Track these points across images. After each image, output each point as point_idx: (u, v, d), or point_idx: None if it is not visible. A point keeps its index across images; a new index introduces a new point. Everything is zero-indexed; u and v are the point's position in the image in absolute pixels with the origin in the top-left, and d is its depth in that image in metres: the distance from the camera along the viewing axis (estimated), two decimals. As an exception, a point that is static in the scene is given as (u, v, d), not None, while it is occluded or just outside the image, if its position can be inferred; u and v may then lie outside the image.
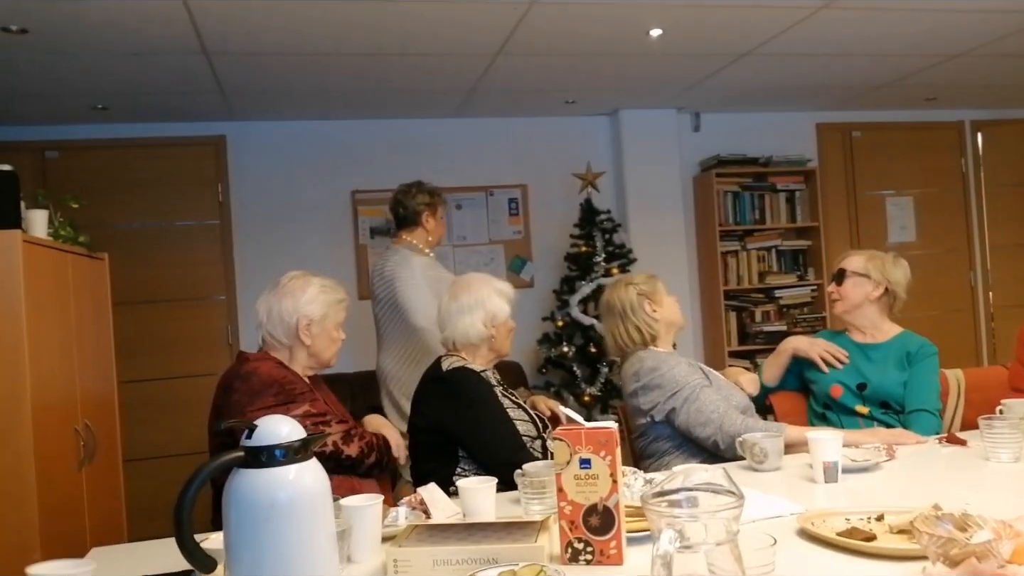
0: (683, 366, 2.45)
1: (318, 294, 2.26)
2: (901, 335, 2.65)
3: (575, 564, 1.42)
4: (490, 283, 2.45)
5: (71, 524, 2.57)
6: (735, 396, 2.48)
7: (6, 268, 2.27)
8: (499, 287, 2.44)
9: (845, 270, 2.68)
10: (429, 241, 3.40)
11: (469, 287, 2.43)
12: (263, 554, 1.12)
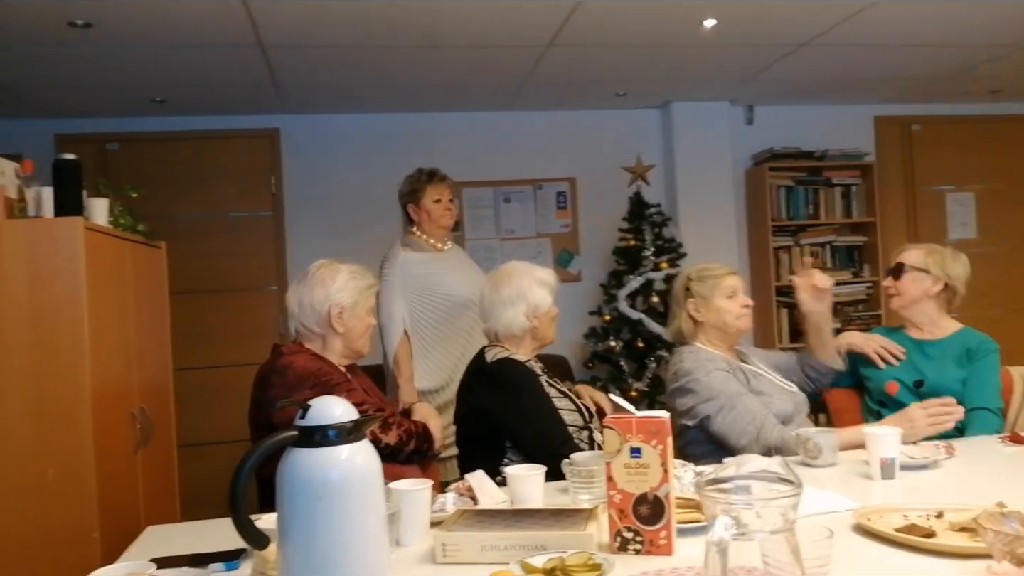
0: (720, 373, 2.35)
1: (348, 281, 2.27)
2: (961, 331, 2.57)
3: (624, 553, 1.41)
4: (531, 272, 2.41)
5: (127, 504, 2.63)
6: (777, 402, 2.37)
7: (69, 254, 2.33)
8: (540, 276, 2.40)
9: (903, 264, 2.60)
10: (425, 232, 3.31)
11: (510, 278, 2.40)
12: (315, 532, 1.13)
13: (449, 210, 3.35)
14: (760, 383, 2.39)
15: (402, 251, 3.30)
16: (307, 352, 2.24)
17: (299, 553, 1.14)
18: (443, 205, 3.32)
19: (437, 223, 3.32)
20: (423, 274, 3.22)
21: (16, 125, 4.29)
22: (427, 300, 3.24)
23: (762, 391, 2.36)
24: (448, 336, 3.27)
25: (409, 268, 3.25)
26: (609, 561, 1.30)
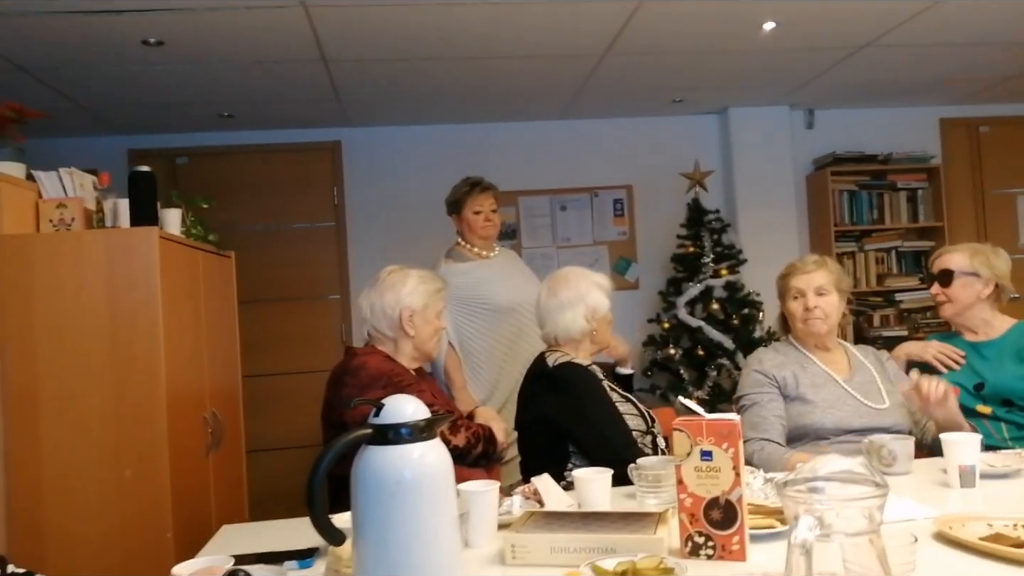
0: (755, 375, 2.35)
1: (417, 285, 2.32)
2: (1014, 328, 2.50)
3: (695, 558, 1.39)
4: (587, 276, 2.41)
5: (199, 506, 2.70)
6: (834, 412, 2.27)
7: (145, 262, 2.41)
8: (597, 280, 2.40)
9: (952, 271, 2.52)
10: (469, 241, 3.35)
11: (567, 282, 2.40)
12: (389, 530, 1.15)
13: (490, 220, 3.35)
14: (818, 392, 2.31)
15: (444, 264, 3.34)
16: (380, 354, 2.28)
17: (374, 550, 1.16)
18: (483, 216, 3.33)
19: (477, 234, 3.34)
20: (464, 284, 3.24)
21: (92, 142, 4.48)
22: (469, 310, 3.26)
23: (812, 400, 2.29)
24: (491, 344, 3.28)
25: (451, 279, 3.18)
26: (681, 566, 1.28)
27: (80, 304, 2.38)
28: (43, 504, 2.35)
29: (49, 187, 2.59)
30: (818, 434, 2.25)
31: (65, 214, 2.52)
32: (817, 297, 2.36)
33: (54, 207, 2.52)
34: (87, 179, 2.70)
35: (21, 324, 2.35)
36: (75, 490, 2.36)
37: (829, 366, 2.38)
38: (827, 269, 2.41)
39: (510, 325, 3.27)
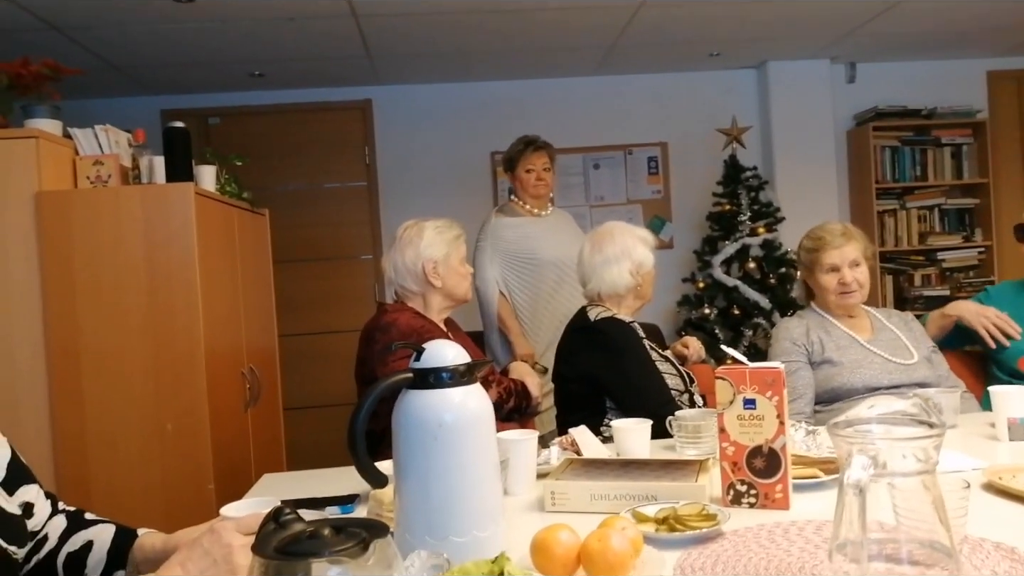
0: (787, 343, 2.36)
1: (435, 236, 2.32)
2: None
3: (737, 506, 1.37)
4: (632, 231, 2.40)
5: (239, 460, 2.75)
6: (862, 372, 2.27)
7: (182, 218, 2.43)
8: (641, 235, 2.40)
9: None
10: (522, 199, 3.48)
11: (612, 237, 2.37)
12: (431, 473, 1.15)
13: (542, 180, 3.47)
14: (843, 354, 2.32)
15: (495, 217, 3.51)
16: (409, 310, 2.29)
17: (416, 493, 1.15)
18: (535, 175, 3.45)
19: (528, 192, 3.47)
20: (511, 238, 3.39)
21: (126, 102, 4.49)
22: (513, 262, 3.41)
23: (839, 361, 2.30)
24: (531, 296, 3.43)
25: (500, 232, 3.45)
26: (724, 513, 1.27)
27: (118, 259, 2.41)
28: (87, 457, 2.40)
29: (85, 144, 2.60)
30: (848, 394, 2.24)
31: (102, 171, 2.53)
32: (852, 270, 2.35)
33: (91, 164, 2.53)
34: (122, 136, 2.71)
35: (61, 279, 2.39)
36: (118, 443, 2.41)
37: (852, 329, 2.39)
38: (856, 240, 2.40)
39: (550, 278, 3.42)
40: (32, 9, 3.22)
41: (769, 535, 1.23)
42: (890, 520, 0.91)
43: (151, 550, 1.18)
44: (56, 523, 1.23)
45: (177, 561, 1.03)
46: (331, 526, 0.89)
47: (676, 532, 1.22)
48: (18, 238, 2.37)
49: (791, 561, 1.12)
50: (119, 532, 1.22)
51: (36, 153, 2.39)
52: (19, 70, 2.57)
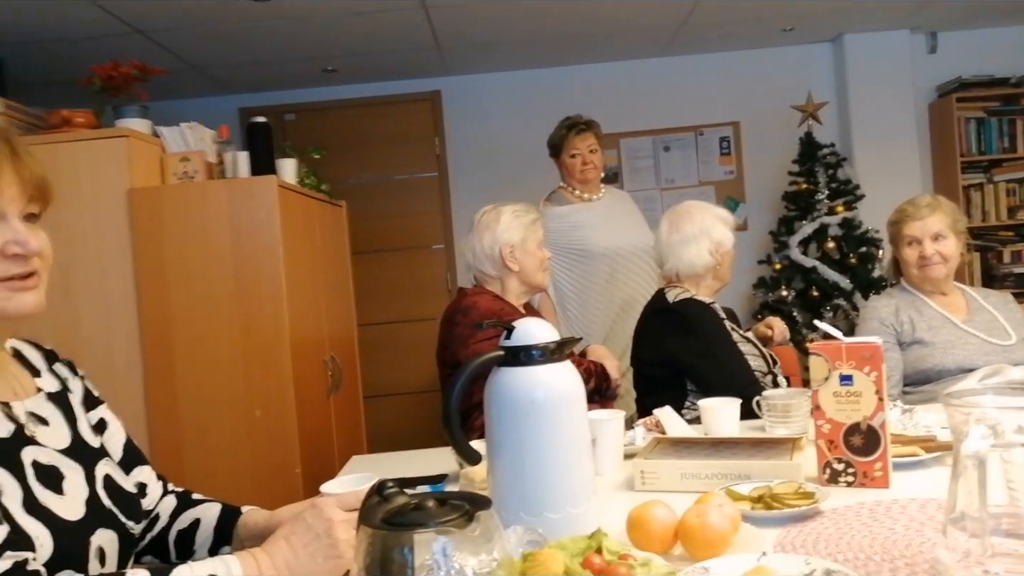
0: (875, 322, 2.28)
1: (512, 220, 2.32)
2: None
3: (834, 485, 1.34)
4: (711, 210, 2.36)
5: (323, 445, 2.82)
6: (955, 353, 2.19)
7: (266, 210, 2.50)
8: (720, 213, 2.35)
9: None
10: (570, 184, 3.28)
11: (691, 216, 2.34)
12: (524, 450, 1.15)
13: (588, 163, 3.23)
14: (936, 334, 2.24)
15: (543, 207, 3.27)
16: (489, 293, 2.31)
17: (510, 470, 1.16)
18: (580, 159, 3.23)
19: (575, 177, 3.26)
20: (558, 229, 3.15)
21: (205, 102, 4.64)
22: (561, 255, 3.17)
23: (931, 342, 2.23)
24: (582, 291, 3.22)
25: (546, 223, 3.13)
26: (822, 491, 1.24)
27: (206, 251, 2.49)
28: (181, 442, 2.50)
29: (172, 142, 2.70)
30: (940, 376, 2.17)
31: (189, 167, 2.62)
32: (934, 243, 2.26)
33: (178, 160, 2.63)
34: (207, 133, 2.80)
35: (154, 272, 2.48)
36: (210, 428, 2.50)
37: (946, 308, 2.30)
38: (942, 211, 2.30)
39: (602, 270, 3.20)
40: (118, 14, 3.35)
41: (870, 513, 1.19)
42: (1001, 496, 0.88)
43: (255, 526, 1.23)
44: (167, 503, 1.29)
45: (282, 535, 1.06)
46: (435, 498, 0.91)
47: (773, 510, 1.20)
48: (112, 233, 2.48)
49: (896, 539, 1.09)
50: (224, 510, 1.27)
51: (127, 151, 2.50)
52: (110, 72, 2.69)
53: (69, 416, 1.14)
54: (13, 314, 1.00)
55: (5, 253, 0.98)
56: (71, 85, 2.86)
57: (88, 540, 1.03)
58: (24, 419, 1.05)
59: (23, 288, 1.00)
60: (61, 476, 1.04)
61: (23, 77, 3.67)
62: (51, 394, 1.14)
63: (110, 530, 1.07)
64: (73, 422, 1.14)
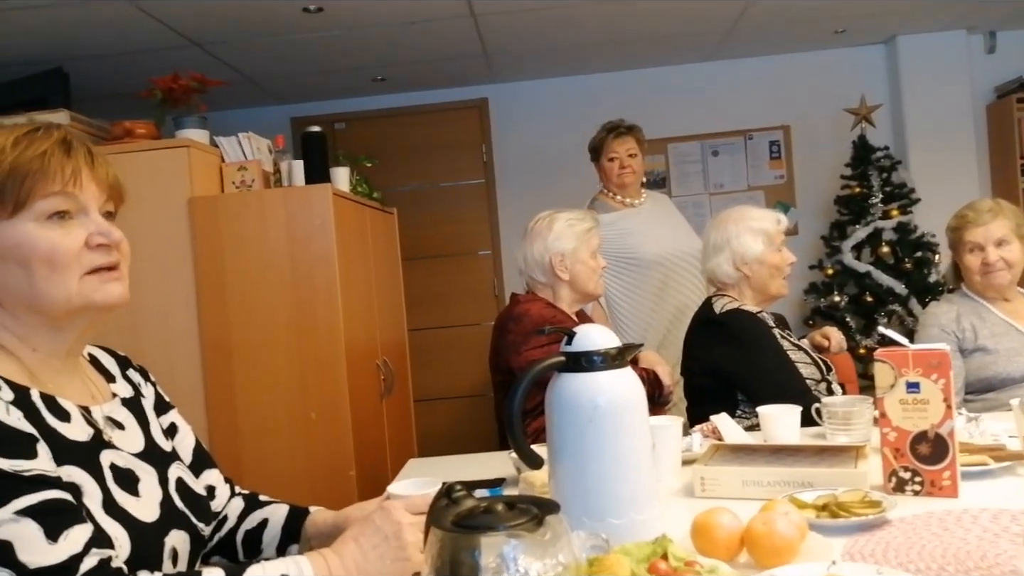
0: (935, 329, 2.23)
1: (564, 229, 2.30)
2: None
3: (900, 494, 1.32)
4: (743, 219, 2.29)
5: (376, 448, 2.85)
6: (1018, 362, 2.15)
7: (321, 218, 2.54)
8: (752, 224, 2.27)
9: None
10: (610, 190, 3.26)
11: (720, 224, 2.32)
12: (586, 455, 1.16)
13: (627, 167, 3.20)
14: (999, 341, 2.20)
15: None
16: (541, 300, 2.31)
17: (572, 475, 1.17)
18: (618, 163, 3.20)
19: (614, 182, 3.24)
20: (610, 236, 3.05)
21: (258, 112, 4.74)
22: (612, 264, 3.07)
23: (995, 349, 2.18)
24: (636, 299, 3.19)
25: None
26: (889, 500, 1.22)
27: (263, 258, 2.54)
28: (240, 444, 2.55)
29: (230, 151, 2.77)
30: (1003, 384, 2.11)
31: (246, 176, 2.68)
32: (997, 248, 2.20)
33: (236, 169, 2.69)
34: (263, 143, 2.86)
35: (213, 278, 2.54)
36: (267, 431, 2.55)
37: (1009, 315, 2.25)
38: (1004, 216, 2.24)
39: (655, 278, 3.18)
40: (177, 27, 3.44)
41: (940, 523, 1.17)
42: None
43: (323, 525, 1.25)
44: (234, 504, 1.32)
45: (351, 536, 1.08)
46: (503, 502, 0.92)
47: (840, 519, 1.18)
48: (174, 241, 2.55)
49: (970, 550, 1.07)
50: (292, 510, 1.30)
51: (188, 161, 2.56)
52: (171, 85, 2.77)
53: (142, 421, 1.17)
54: (101, 304, 1.03)
55: (90, 244, 1.02)
56: (131, 97, 2.95)
57: (163, 541, 1.06)
58: (102, 423, 1.08)
59: (109, 279, 1.04)
60: (137, 479, 1.07)
61: (86, 89, 3.79)
62: (126, 399, 1.17)
63: (182, 531, 1.10)
64: (146, 426, 1.17)
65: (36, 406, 0.99)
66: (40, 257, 0.98)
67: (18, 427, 0.93)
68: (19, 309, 1.01)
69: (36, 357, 1.04)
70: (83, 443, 1.02)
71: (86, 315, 1.04)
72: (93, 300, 1.02)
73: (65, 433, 1.00)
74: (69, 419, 1.02)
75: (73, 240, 1.00)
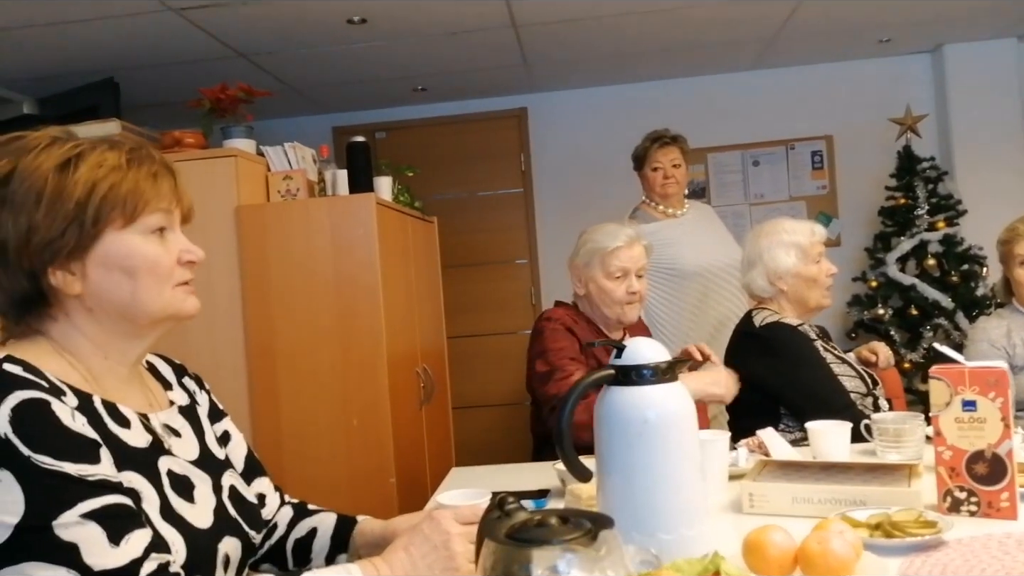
0: (984, 344, 2.19)
1: (581, 245, 2.27)
2: None
3: (956, 514, 1.29)
4: (774, 233, 2.26)
5: (415, 455, 2.87)
6: None
7: (365, 227, 2.57)
8: (784, 238, 2.24)
9: None
10: (653, 200, 3.25)
11: (756, 237, 2.31)
12: (636, 469, 1.15)
13: (670, 177, 3.19)
14: None
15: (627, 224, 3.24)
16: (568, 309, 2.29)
17: (621, 488, 1.16)
18: (662, 173, 3.19)
19: (656, 192, 3.23)
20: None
21: (301, 121, 4.81)
22: (652, 275, 3.07)
23: None
24: (676, 311, 3.18)
25: None
26: (945, 521, 1.20)
27: (308, 266, 2.57)
28: (282, 450, 2.58)
29: (276, 161, 2.81)
30: None
31: (291, 185, 2.72)
32: None
33: (281, 179, 2.73)
34: (307, 152, 2.90)
35: (258, 286, 2.58)
36: (310, 437, 2.57)
37: None
38: None
39: (695, 289, 3.16)
40: (224, 39, 3.51)
41: (1000, 546, 1.14)
42: None
43: (371, 534, 1.26)
44: (284, 513, 1.34)
45: (400, 546, 1.09)
46: (557, 516, 0.92)
47: (894, 538, 1.16)
48: (221, 249, 2.59)
49: (1031, 574, 1.04)
50: (341, 519, 1.31)
51: (235, 170, 2.60)
52: (219, 95, 2.82)
53: (197, 428, 1.20)
54: (185, 315, 1.10)
55: (181, 260, 1.09)
56: (179, 106, 3.01)
57: (216, 547, 1.08)
58: (160, 430, 1.10)
59: (191, 292, 1.11)
60: (192, 486, 1.09)
61: (136, 99, 3.88)
62: (182, 407, 1.20)
63: (235, 538, 1.12)
64: (201, 434, 1.20)
65: (99, 412, 1.01)
66: (146, 267, 1.05)
67: (83, 432, 0.95)
68: (110, 315, 1.05)
69: (104, 364, 1.07)
70: (142, 449, 1.05)
71: (167, 325, 1.10)
72: (180, 310, 1.09)
73: (126, 439, 1.03)
74: (129, 426, 1.05)
75: (171, 255, 1.07)
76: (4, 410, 0.90)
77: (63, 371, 1.01)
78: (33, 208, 0.98)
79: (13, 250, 0.99)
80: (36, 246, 0.99)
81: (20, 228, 0.98)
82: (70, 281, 1.02)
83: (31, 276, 1.00)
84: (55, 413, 0.93)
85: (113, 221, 1.02)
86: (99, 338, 1.06)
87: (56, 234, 0.99)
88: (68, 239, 1.00)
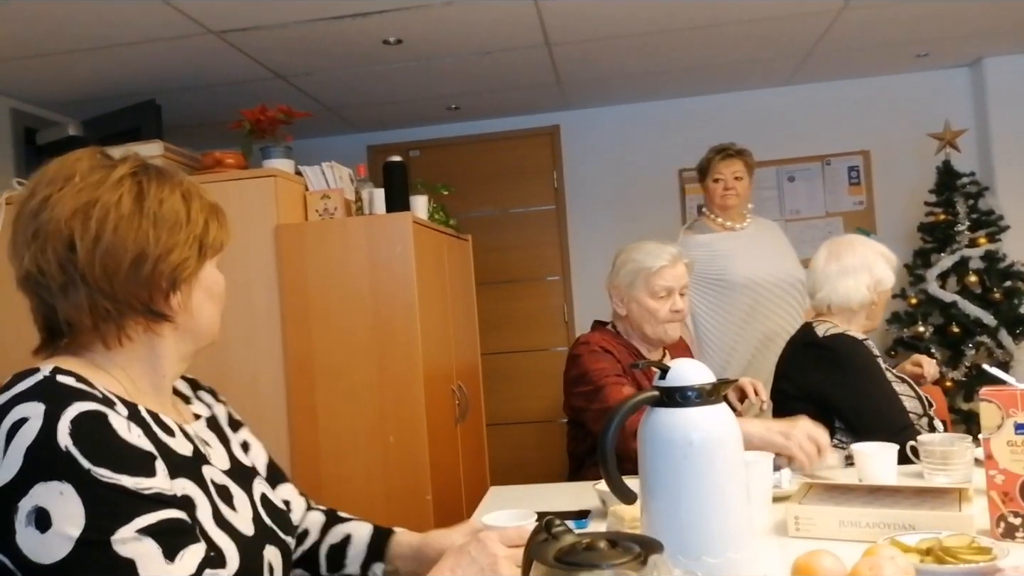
0: None
1: (624, 263, 2.24)
2: None
3: (1010, 540, 1.26)
4: (875, 246, 2.30)
5: (450, 473, 2.87)
6: None
7: (401, 245, 2.59)
8: (884, 251, 2.30)
9: None
10: (713, 212, 3.27)
11: (853, 248, 2.29)
12: (681, 492, 1.14)
13: (730, 189, 3.21)
14: None
15: (683, 235, 3.29)
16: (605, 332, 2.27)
17: (666, 511, 1.15)
18: (723, 184, 3.21)
19: (716, 203, 3.24)
20: (700, 258, 3.06)
21: (336, 140, 4.87)
22: (700, 284, 3.12)
23: None
24: (721, 322, 3.17)
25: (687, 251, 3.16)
26: (1001, 547, 1.17)
27: (346, 285, 2.60)
28: (320, 465, 2.60)
29: (314, 180, 2.85)
30: None
31: (329, 204, 2.76)
32: None
33: (319, 198, 2.77)
34: (344, 171, 2.94)
35: (297, 304, 2.61)
36: (347, 454, 2.59)
37: None
38: None
39: (742, 302, 3.15)
40: (263, 61, 3.58)
41: (1057, 574, 1.11)
42: None
43: (408, 546, 1.27)
44: (313, 518, 1.34)
45: (447, 566, 1.09)
46: (606, 539, 0.91)
47: (947, 564, 1.14)
48: (261, 267, 2.63)
49: (1092, 603, 1.01)
50: (376, 529, 1.32)
51: (275, 190, 2.65)
52: (258, 116, 2.87)
53: (223, 439, 1.21)
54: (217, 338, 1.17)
55: None
56: (219, 126, 3.06)
57: (262, 555, 1.09)
58: (196, 440, 1.12)
59: None
60: (231, 495, 1.10)
61: (177, 120, 3.96)
62: (207, 419, 1.22)
63: (274, 546, 1.13)
64: (227, 444, 1.21)
65: (147, 422, 1.03)
66: (221, 293, 1.15)
67: (139, 445, 0.96)
68: (194, 336, 1.12)
69: (152, 380, 1.09)
70: (188, 458, 1.06)
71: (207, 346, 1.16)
72: (216, 334, 1.17)
73: (175, 448, 1.04)
74: (174, 435, 1.06)
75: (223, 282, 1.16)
76: (64, 423, 0.91)
77: (108, 383, 1.02)
78: (175, 228, 1.05)
79: (152, 262, 1.03)
80: (171, 263, 1.05)
81: (163, 245, 1.04)
82: (182, 301, 1.08)
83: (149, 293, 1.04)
84: (112, 425, 0.94)
85: (217, 250, 1.12)
86: (172, 357, 1.10)
87: (190, 254, 1.07)
88: (191, 262, 1.07)
